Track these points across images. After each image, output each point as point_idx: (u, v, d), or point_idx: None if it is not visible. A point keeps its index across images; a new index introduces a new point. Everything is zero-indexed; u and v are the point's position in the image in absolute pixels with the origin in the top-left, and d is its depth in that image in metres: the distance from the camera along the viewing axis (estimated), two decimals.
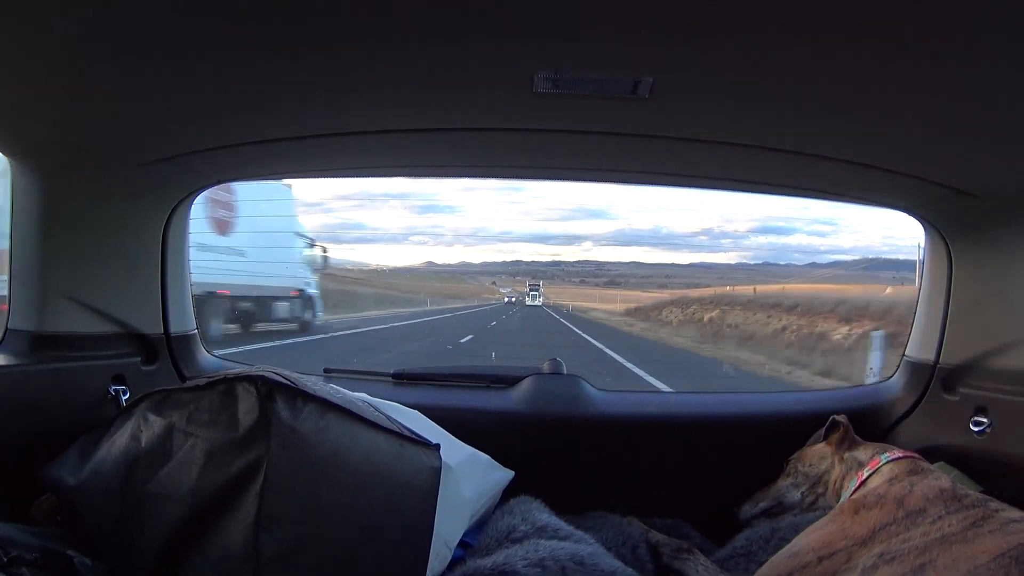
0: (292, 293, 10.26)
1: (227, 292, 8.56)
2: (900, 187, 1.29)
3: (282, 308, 10.02)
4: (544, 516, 1.20)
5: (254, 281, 9.31)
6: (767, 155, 1.17)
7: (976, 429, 1.33)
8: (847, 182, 1.33)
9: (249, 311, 9.35)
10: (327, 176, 1.50)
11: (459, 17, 0.74)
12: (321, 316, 11.30)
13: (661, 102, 0.96)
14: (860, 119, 0.99)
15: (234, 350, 6.61)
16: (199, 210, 1.47)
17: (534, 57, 0.84)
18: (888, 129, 1.02)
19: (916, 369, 1.53)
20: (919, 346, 1.54)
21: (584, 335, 13.48)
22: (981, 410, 1.34)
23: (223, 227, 8.55)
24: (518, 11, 0.73)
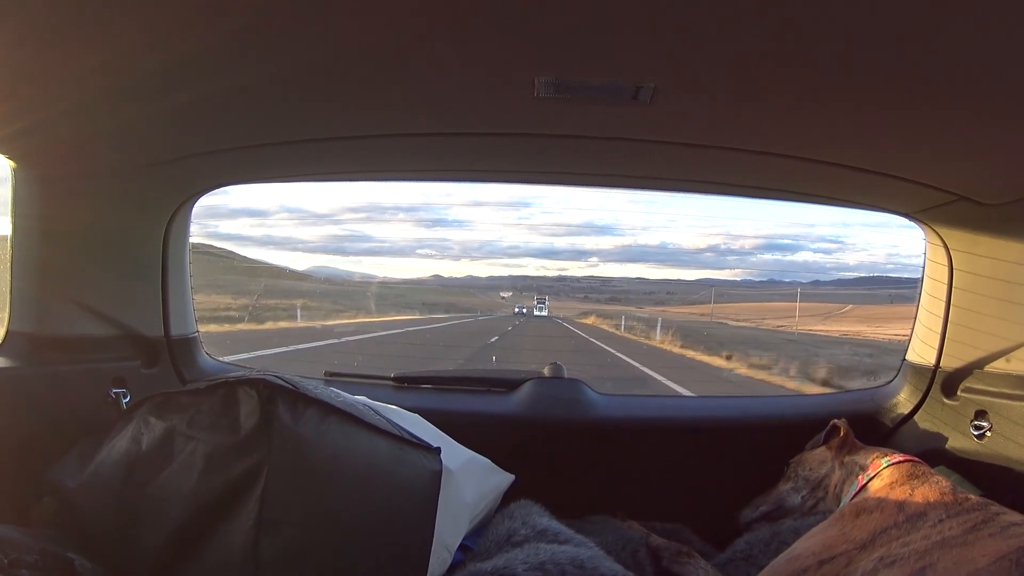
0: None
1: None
2: (901, 192, 1.29)
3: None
4: (544, 520, 1.20)
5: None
6: (768, 160, 1.17)
7: (976, 433, 1.33)
8: (849, 187, 1.33)
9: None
10: (329, 180, 1.51)
11: (460, 21, 0.75)
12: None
13: (662, 107, 0.96)
14: (862, 124, 0.99)
15: (244, 356, 6.76)
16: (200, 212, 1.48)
17: (535, 62, 0.85)
18: (890, 134, 1.02)
19: (916, 373, 1.54)
20: (919, 350, 1.54)
21: (549, 315, 27.48)
22: (981, 414, 1.34)
23: None
24: (519, 15, 0.73)
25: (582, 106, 0.99)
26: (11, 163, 1.15)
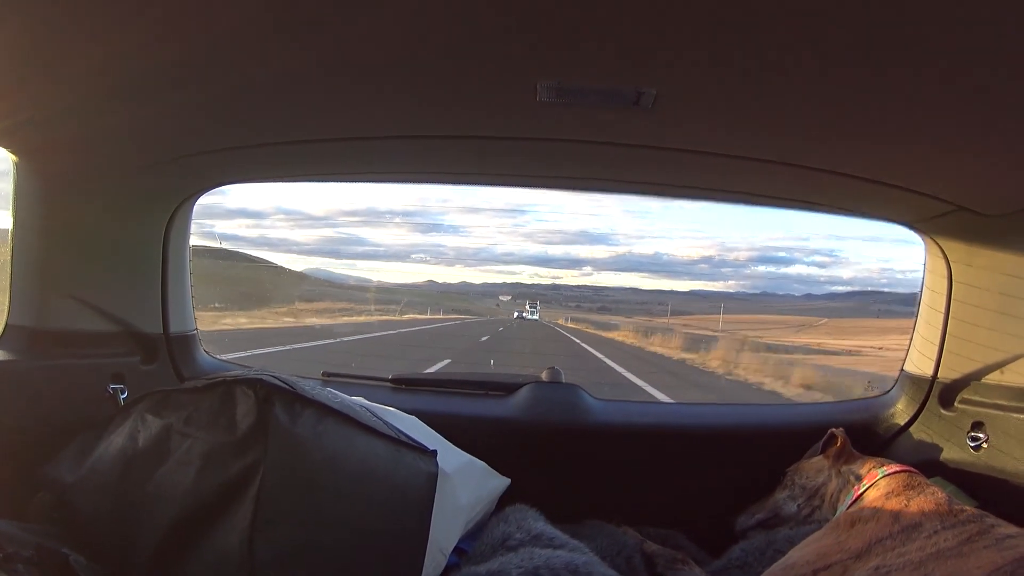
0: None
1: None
2: (901, 202, 1.29)
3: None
4: (539, 524, 1.19)
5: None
6: (769, 168, 1.17)
7: (972, 444, 1.33)
8: (848, 196, 1.33)
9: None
10: (330, 180, 1.51)
11: (463, 24, 0.75)
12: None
13: (663, 113, 0.96)
14: (863, 133, 0.99)
15: (242, 354, 6.87)
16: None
17: (537, 66, 0.85)
18: (890, 144, 1.02)
19: (914, 383, 1.54)
20: (917, 361, 1.54)
21: (539, 319, 34.32)
22: (978, 425, 1.34)
23: None
24: (522, 20, 0.73)
25: (584, 111, 0.99)
26: (13, 157, 1.15)
